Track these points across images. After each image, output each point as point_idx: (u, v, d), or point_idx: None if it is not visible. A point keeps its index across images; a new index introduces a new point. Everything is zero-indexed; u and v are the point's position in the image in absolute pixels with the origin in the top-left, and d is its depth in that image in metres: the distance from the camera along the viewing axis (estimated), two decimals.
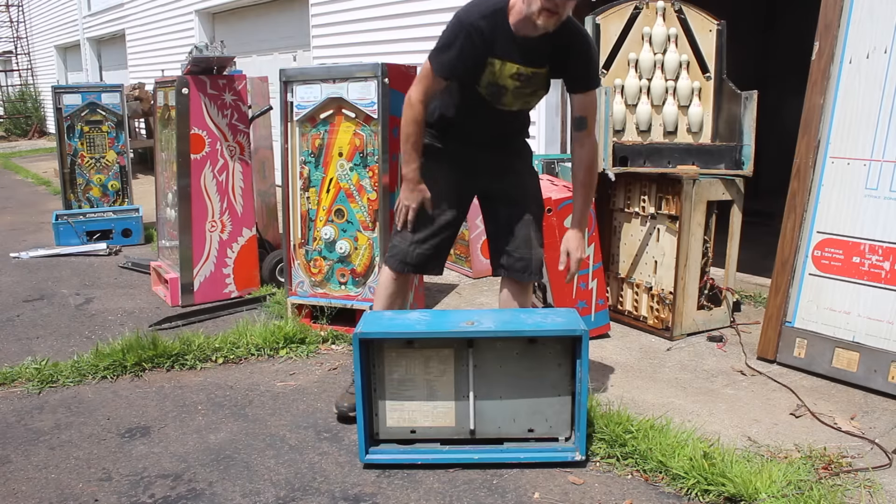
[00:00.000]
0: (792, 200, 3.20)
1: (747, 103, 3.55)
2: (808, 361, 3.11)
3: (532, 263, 2.72)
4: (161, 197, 4.74)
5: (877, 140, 2.99)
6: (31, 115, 18.29)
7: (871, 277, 2.99)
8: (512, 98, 2.55)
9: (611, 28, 3.64)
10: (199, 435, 2.71)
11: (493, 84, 2.50)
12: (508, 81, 2.50)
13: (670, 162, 3.59)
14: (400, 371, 2.47)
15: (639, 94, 3.70)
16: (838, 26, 3.09)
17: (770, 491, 2.14)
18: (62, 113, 6.37)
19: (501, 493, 2.29)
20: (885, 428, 2.64)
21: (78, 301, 4.41)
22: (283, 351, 3.47)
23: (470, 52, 2.42)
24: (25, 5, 19.43)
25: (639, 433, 2.48)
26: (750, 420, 2.73)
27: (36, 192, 8.99)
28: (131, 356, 3.28)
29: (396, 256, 2.72)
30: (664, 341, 3.55)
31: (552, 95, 5.16)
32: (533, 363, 2.43)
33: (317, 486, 2.35)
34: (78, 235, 5.79)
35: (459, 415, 2.48)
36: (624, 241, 3.83)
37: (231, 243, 4.31)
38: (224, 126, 4.21)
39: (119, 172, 6.59)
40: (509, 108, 2.60)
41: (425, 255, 2.70)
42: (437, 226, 2.69)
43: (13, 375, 3.21)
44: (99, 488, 2.37)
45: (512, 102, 2.57)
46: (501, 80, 2.49)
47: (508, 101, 2.56)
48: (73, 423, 2.82)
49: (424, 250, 2.70)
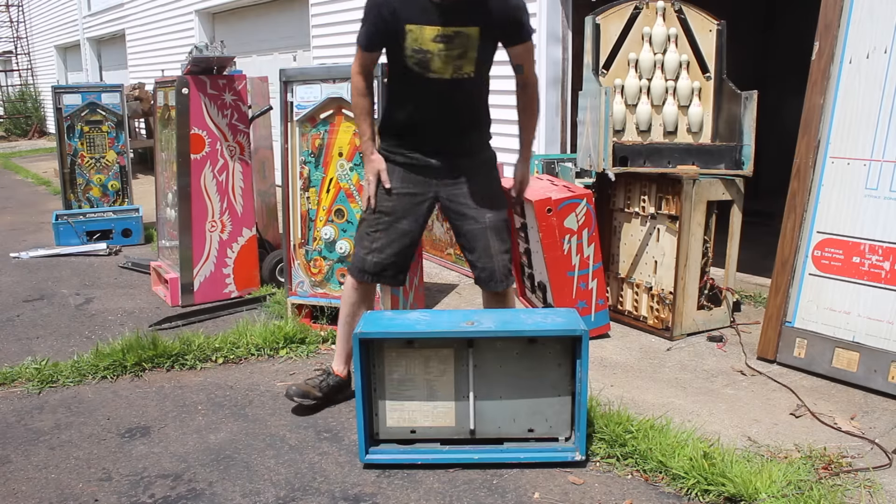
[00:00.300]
0: (792, 200, 3.20)
1: (747, 103, 3.55)
2: (808, 361, 3.11)
3: (496, 273, 2.73)
4: (161, 197, 4.74)
5: (877, 140, 2.99)
6: (31, 115, 18.29)
7: (871, 277, 2.99)
8: (441, 63, 2.53)
9: (611, 28, 3.64)
10: (199, 435, 2.71)
11: (418, 51, 2.51)
12: (431, 45, 2.50)
13: (670, 162, 3.59)
14: (400, 371, 2.47)
15: (639, 94, 3.70)
16: (838, 26, 3.09)
17: (770, 491, 2.14)
18: (62, 113, 6.36)
19: (501, 493, 2.29)
20: (885, 428, 2.64)
21: (78, 301, 4.41)
22: (283, 351, 3.47)
23: (381, 25, 2.54)
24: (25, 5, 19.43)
25: (639, 433, 2.48)
26: (750, 420, 2.73)
27: (36, 192, 8.99)
28: (131, 356, 3.28)
29: (355, 264, 2.77)
30: (664, 341, 3.55)
31: (552, 95, 5.16)
32: (533, 363, 2.43)
33: (317, 486, 2.35)
34: (78, 235, 5.79)
35: (459, 415, 2.48)
36: (624, 241, 3.83)
37: (231, 243, 4.31)
38: (224, 126, 4.21)
39: (119, 172, 6.59)
40: (442, 76, 2.55)
41: (382, 263, 2.73)
42: (393, 235, 2.71)
43: (13, 375, 3.21)
44: (99, 488, 2.37)
45: (442, 68, 2.54)
46: (425, 44, 2.50)
47: (438, 66, 2.53)
48: (73, 423, 2.82)
49: (381, 259, 2.73)
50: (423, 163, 2.69)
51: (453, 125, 2.68)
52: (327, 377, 2.88)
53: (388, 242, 2.72)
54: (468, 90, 2.66)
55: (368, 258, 2.73)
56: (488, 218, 2.70)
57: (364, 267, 2.74)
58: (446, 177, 2.71)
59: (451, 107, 2.64)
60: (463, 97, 2.66)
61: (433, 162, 2.69)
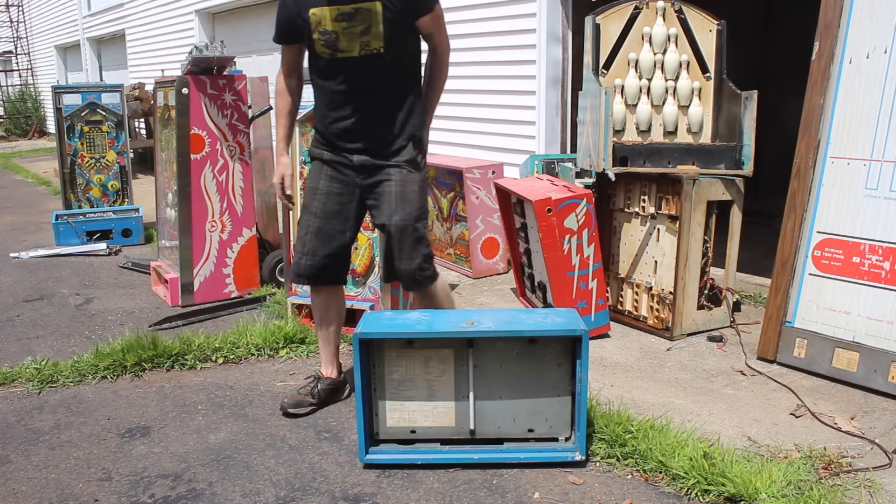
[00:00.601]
0: (792, 200, 3.20)
1: (747, 103, 3.55)
2: (808, 361, 3.11)
3: (403, 276, 2.72)
4: (161, 197, 4.74)
5: (877, 140, 2.99)
6: (31, 115, 18.28)
7: (871, 277, 2.99)
8: (346, 41, 2.56)
9: (611, 28, 3.64)
10: (199, 435, 2.71)
11: (324, 33, 2.56)
12: (335, 25, 2.55)
13: (670, 162, 3.59)
14: (400, 371, 2.47)
15: (639, 94, 3.70)
16: (838, 26, 3.09)
17: (770, 491, 2.14)
18: (62, 113, 6.36)
19: (501, 493, 2.29)
20: (885, 428, 2.64)
21: (78, 301, 4.41)
22: (283, 351, 3.47)
23: (288, 15, 2.65)
24: (25, 5, 19.42)
25: (639, 433, 2.48)
26: (750, 420, 2.73)
27: (36, 192, 8.99)
28: (131, 356, 3.28)
29: (292, 269, 2.80)
30: (664, 341, 3.55)
31: (552, 95, 5.15)
32: (533, 363, 2.43)
33: (317, 486, 2.35)
34: (78, 235, 5.79)
35: (459, 415, 2.48)
36: (624, 241, 3.83)
37: (231, 243, 4.31)
38: (224, 126, 4.21)
39: (119, 172, 6.59)
40: (351, 53, 2.57)
41: (317, 266, 2.74)
42: (322, 238, 2.73)
43: (13, 375, 3.21)
44: (99, 488, 2.37)
45: (349, 45, 2.56)
46: (328, 25, 2.55)
47: (344, 44, 2.56)
48: (73, 423, 2.82)
49: (315, 262, 2.74)
50: (344, 161, 2.71)
51: (370, 111, 2.66)
52: (317, 382, 2.89)
53: (319, 244, 2.73)
54: (382, 72, 2.62)
55: (302, 262, 2.75)
56: (395, 222, 2.66)
57: (299, 270, 2.76)
58: (365, 175, 2.71)
59: (366, 89, 2.63)
60: (376, 79, 2.62)
61: (353, 159, 2.69)
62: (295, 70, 2.81)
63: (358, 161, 2.70)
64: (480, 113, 5.57)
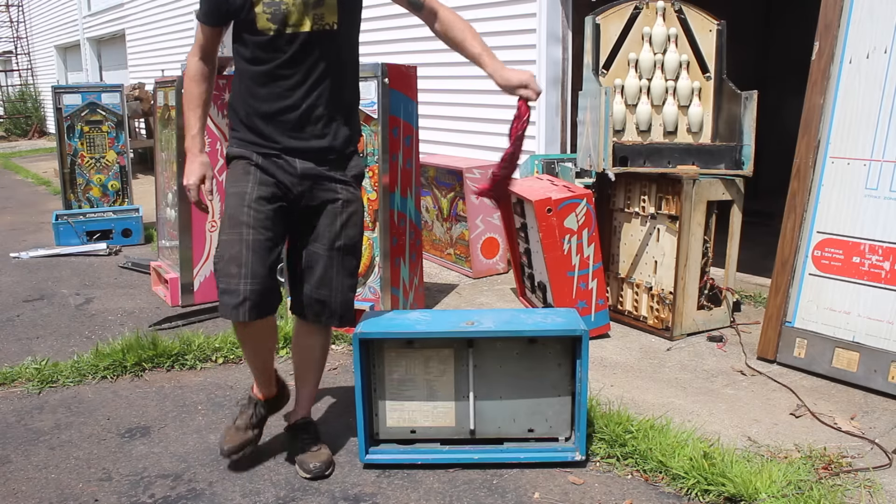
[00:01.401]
0: (792, 200, 3.20)
1: (747, 103, 3.55)
2: (808, 361, 3.11)
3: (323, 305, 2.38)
4: (161, 197, 4.74)
5: (877, 140, 2.99)
6: (31, 115, 18.28)
7: (871, 277, 2.99)
8: (298, 14, 2.19)
9: (611, 28, 3.64)
10: (199, 435, 2.71)
11: (270, 4, 2.17)
12: None
13: (670, 162, 3.59)
14: (400, 371, 2.47)
15: (639, 94, 3.70)
16: (838, 26, 3.09)
17: (770, 491, 2.14)
18: (62, 113, 6.37)
19: (501, 493, 2.29)
20: (885, 428, 2.64)
21: (78, 301, 4.41)
22: (283, 351, 3.46)
23: None
24: (25, 5, 19.42)
25: (639, 433, 2.48)
26: (750, 420, 2.73)
27: (36, 192, 8.99)
28: (131, 356, 3.28)
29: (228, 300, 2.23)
30: (664, 341, 3.55)
31: (552, 95, 5.15)
32: (533, 363, 2.43)
33: (317, 485, 2.35)
34: (78, 235, 5.79)
35: (459, 415, 2.48)
36: (624, 241, 3.83)
37: None
38: (224, 126, 4.20)
39: (119, 172, 6.59)
40: (301, 28, 2.20)
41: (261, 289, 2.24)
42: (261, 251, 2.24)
43: (13, 375, 3.21)
44: (99, 488, 2.37)
45: (300, 19, 2.19)
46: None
47: (295, 18, 2.19)
48: (73, 423, 2.82)
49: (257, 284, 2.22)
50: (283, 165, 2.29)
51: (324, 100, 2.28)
52: (255, 407, 2.50)
53: (258, 261, 2.22)
54: (335, 51, 2.28)
55: (242, 287, 2.20)
56: (336, 246, 2.35)
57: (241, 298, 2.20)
58: (308, 184, 2.32)
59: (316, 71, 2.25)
60: (329, 59, 2.26)
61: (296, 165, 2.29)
62: (213, 53, 2.34)
63: (302, 168, 2.30)
64: (480, 113, 5.58)
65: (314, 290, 2.38)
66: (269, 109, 2.27)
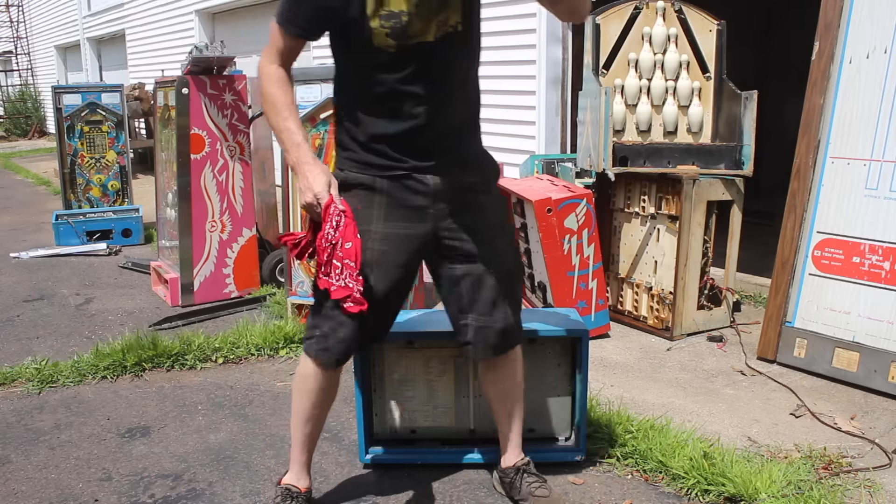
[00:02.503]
0: (792, 200, 3.20)
1: (747, 103, 3.55)
2: (808, 361, 3.11)
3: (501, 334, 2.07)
4: (161, 197, 4.74)
5: (877, 140, 2.99)
6: (31, 115, 18.28)
7: (871, 277, 2.99)
8: (421, 23, 1.85)
9: (611, 28, 3.64)
10: (199, 435, 2.71)
11: (387, 16, 1.83)
12: (403, 4, 1.83)
13: (670, 162, 3.59)
14: (400, 371, 2.46)
15: (639, 94, 3.70)
16: (838, 26, 3.09)
17: (770, 491, 2.14)
18: (62, 113, 6.36)
19: (501, 493, 2.29)
20: (885, 428, 2.64)
21: (78, 301, 4.41)
22: (283, 351, 3.47)
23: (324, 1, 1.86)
24: (25, 5, 19.42)
25: (639, 433, 2.48)
26: (750, 420, 2.73)
27: (36, 192, 8.99)
28: (131, 356, 3.28)
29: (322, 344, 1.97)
30: (664, 341, 3.55)
31: (552, 95, 5.15)
32: (533, 363, 2.43)
33: (316, 486, 2.35)
34: (78, 235, 5.79)
35: (459, 414, 2.48)
36: (624, 241, 3.83)
37: (231, 243, 4.31)
38: (224, 126, 4.21)
39: (119, 172, 6.59)
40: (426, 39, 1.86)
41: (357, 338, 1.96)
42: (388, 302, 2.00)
43: (13, 375, 3.21)
44: (99, 488, 2.37)
45: (423, 28, 1.86)
46: (394, 5, 1.84)
47: (418, 27, 1.85)
48: (73, 423, 2.81)
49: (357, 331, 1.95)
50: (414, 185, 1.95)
51: (450, 112, 1.97)
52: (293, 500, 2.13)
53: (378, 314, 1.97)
54: (462, 53, 1.96)
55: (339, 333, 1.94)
56: (507, 266, 2.07)
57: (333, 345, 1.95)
58: (445, 201, 1.98)
59: (446, 81, 1.94)
60: (458, 64, 1.96)
61: (428, 180, 1.95)
62: (292, 62, 1.99)
63: (434, 183, 1.96)
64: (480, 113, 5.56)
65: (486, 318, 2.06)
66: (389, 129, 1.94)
